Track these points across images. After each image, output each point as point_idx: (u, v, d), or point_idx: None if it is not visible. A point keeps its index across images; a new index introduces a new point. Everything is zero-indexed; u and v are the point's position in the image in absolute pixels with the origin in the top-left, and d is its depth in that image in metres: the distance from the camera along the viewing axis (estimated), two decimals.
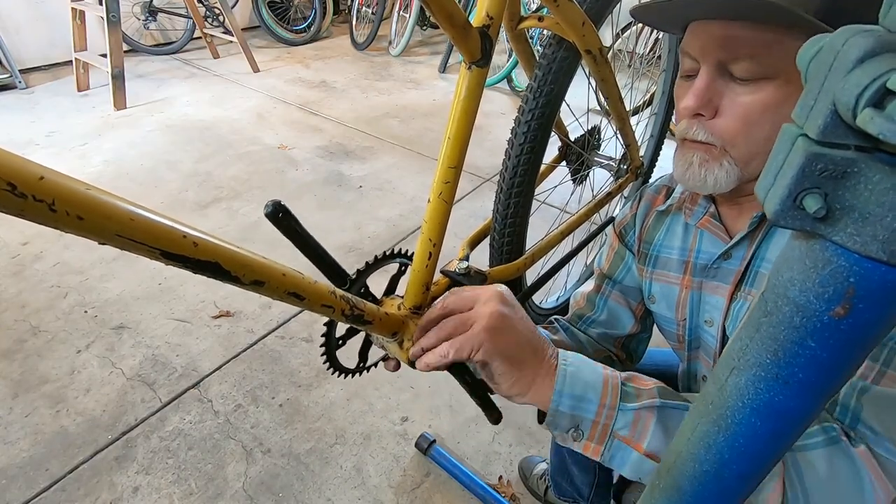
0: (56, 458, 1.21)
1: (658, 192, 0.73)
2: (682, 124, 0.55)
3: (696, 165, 0.55)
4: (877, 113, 0.17)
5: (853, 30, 0.19)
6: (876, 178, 0.19)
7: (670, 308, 0.70)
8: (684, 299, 0.67)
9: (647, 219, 0.73)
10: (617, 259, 0.77)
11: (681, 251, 0.68)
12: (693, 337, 0.68)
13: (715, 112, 0.53)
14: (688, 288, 0.67)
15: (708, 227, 0.64)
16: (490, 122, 3.13)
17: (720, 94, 0.52)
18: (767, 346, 0.25)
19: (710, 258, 0.63)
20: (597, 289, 0.79)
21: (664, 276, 0.70)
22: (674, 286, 0.69)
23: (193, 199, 2.23)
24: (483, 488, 1.17)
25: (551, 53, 0.68)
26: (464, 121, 0.54)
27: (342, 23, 5.15)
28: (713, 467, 0.29)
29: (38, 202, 0.26)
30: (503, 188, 0.75)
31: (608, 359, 0.77)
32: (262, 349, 1.52)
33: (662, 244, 0.70)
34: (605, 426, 0.46)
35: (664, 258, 0.70)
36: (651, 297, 0.73)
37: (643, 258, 0.73)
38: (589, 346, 0.76)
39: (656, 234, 0.71)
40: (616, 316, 0.77)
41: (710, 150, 0.54)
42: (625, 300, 0.77)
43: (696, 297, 0.66)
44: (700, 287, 0.65)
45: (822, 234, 0.21)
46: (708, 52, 0.51)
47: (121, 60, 2.89)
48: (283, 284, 0.40)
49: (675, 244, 0.69)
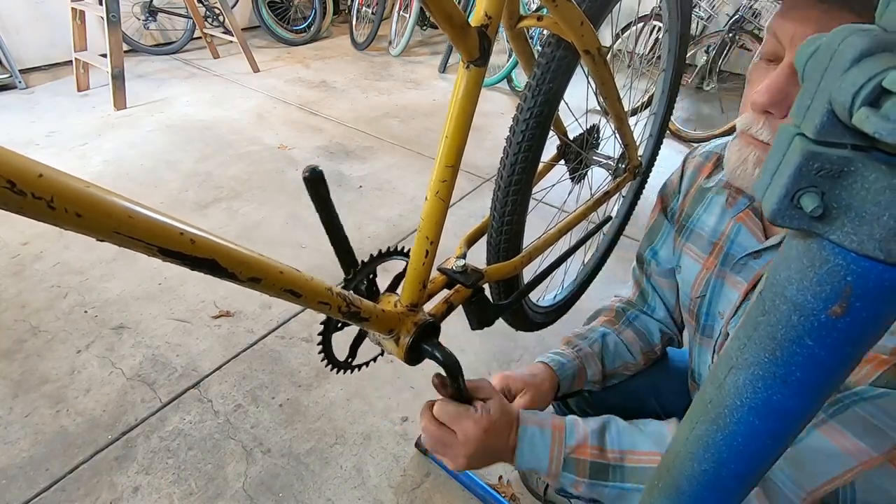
0: (56, 458, 1.21)
1: (708, 158, 0.71)
2: (748, 117, 0.50)
3: (751, 165, 0.51)
4: (873, 112, 0.17)
5: (850, 29, 0.19)
6: (872, 177, 0.19)
7: (689, 283, 0.71)
8: (702, 279, 0.68)
9: (692, 189, 0.72)
10: (656, 228, 0.79)
11: (712, 232, 0.67)
12: (707, 324, 0.69)
13: (787, 111, 0.48)
14: (708, 270, 0.67)
15: (746, 222, 0.63)
16: (490, 122, 3.13)
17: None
18: (765, 345, 0.25)
19: (741, 252, 0.63)
20: (641, 270, 0.84)
21: (692, 250, 0.71)
22: (696, 262, 0.69)
23: (193, 199, 2.23)
24: (483, 488, 1.17)
25: (550, 53, 0.68)
26: (461, 120, 0.54)
27: (342, 23, 5.15)
28: (712, 466, 0.29)
29: (37, 199, 0.26)
30: (501, 186, 0.75)
31: (671, 340, 0.85)
32: (262, 349, 1.52)
33: (699, 219, 0.70)
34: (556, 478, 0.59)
35: (697, 233, 0.70)
36: (679, 268, 0.74)
37: (680, 229, 0.73)
38: (657, 332, 0.83)
39: (696, 208, 0.71)
40: (665, 295, 0.82)
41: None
42: (666, 282, 0.81)
43: (718, 285, 0.66)
44: (724, 277, 0.65)
45: (820, 233, 0.21)
46: (798, 42, 0.45)
47: (121, 60, 2.89)
48: (280, 281, 0.40)
49: (709, 223, 0.68)
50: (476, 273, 0.64)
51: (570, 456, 0.58)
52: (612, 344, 0.79)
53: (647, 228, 0.81)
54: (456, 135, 0.55)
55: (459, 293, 0.64)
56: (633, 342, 0.80)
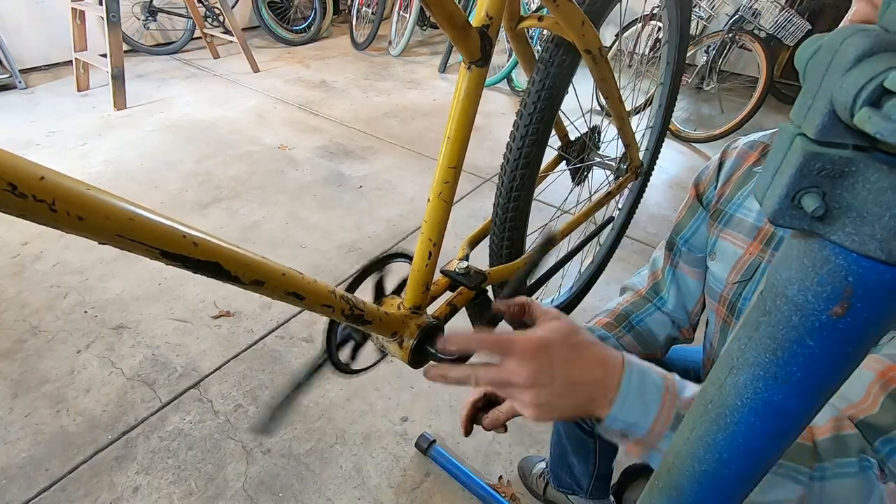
0: (56, 458, 1.21)
1: (753, 148, 0.70)
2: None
3: None
4: (874, 112, 0.17)
5: (851, 29, 0.19)
6: (874, 177, 0.19)
7: (726, 268, 0.69)
8: (744, 263, 0.66)
9: (735, 174, 0.70)
10: (689, 214, 0.77)
11: (759, 216, 0.66)
12: (742, 306, 0.67)
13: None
14: (752, 255, 0.65)
15: None
16: (490, 123, 3.13)
17: None
18: (766, 346, 0.25)
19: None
20: (667, 257, 0.81)
21: (732, 236, 0.69)
22: (738, 248, 0.67)
23: (193, 199, 2.23)
24: (483, 488, 1.17)
25: (551, 53, 0.69)
26: (463, 121, 0.54)
27: (342, 23, 5.15)
28: (712, 467, 0.29)
29: (38, 202, 0.26)
30: (503, 187, 0.75)
31: (675, 340, 0.81)
32: (262, 349, 1.52)
33: (741, 204, 0.68)
34: (650, 443, 0.46)
35: (738, 218, 0.68)
36: (712, 254, 0.72)
37: (717, 215, 0.72)
38: (661, 334, 0.80)
39: (738, 192, 0.69)
40: (687, 285, 0.79)
41: None
42: (693, 271, 0.78)
43: (762, 268, 0.64)
44: (771, 259, 0.63)
45: (821, 234, 0.21)
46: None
47: (121, 60, 2.89)
48: (283, 284, 0.40)
49: (755, 206, 0.66)
50: (479, 275, 0.64)
51: (683, 413, 0.45)
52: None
53: (679, 217, 0.79)
54: (458, 136, 0.55)
55: (463, 295, 0.64)
56: (632, 348, 0.78)
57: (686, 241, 0.78)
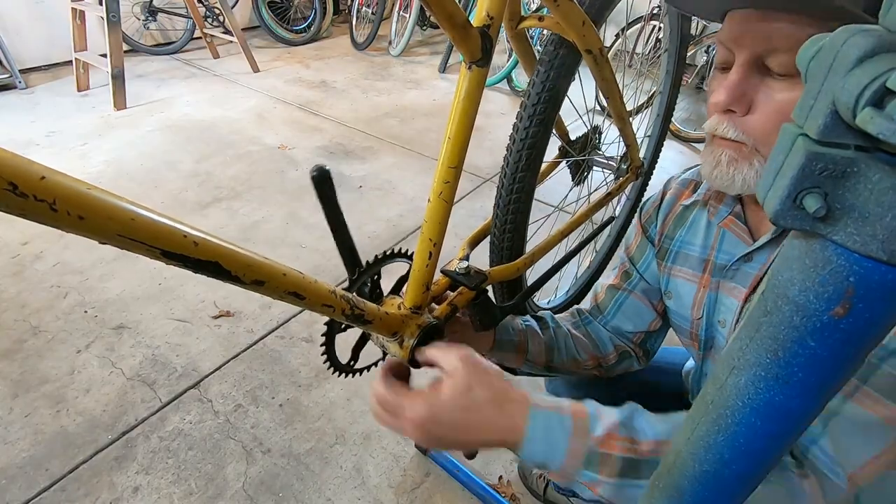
0: (56, 458, 1.21)
1: (686, 185, 0.71)
2: (713, 120, 0.53)
3: (725, 164, 0.52)
4: (876, 112, 0.17)
5: (853, 29, 0.19)
6: (876, 177, 0.19)
7: (686, 306, 0.69)
8: (701, 298, 0.66)
9: (672, 213, 0.71)
10: (640, 249, 0.77)
11: (702, 249, 0.66)
12: (707, 336, 0.68)
13: (748, 108, 0.50)
14: (706, 287, 0.66)
15: (731, 228, 0.62)
16: (490, 123, 3.13)
17: (754, 90, 0.49)
18: (767, 346, 0.25)
19: (729, 259, 0.62)
20: (618, 283, 0.79)
21: (682, 272, 0.69)
22: (692, 283, 0.68)
23: (193, 199, 2.23)
24: (483, 488, 1.17)
25: (552, 53, 0.69)
26: (464, 121, 0.54)
27: (342, 23, 5.15)
28: (713, 467, 0.29)
29: (39, 202, 0.26)
30: (503, 188, 0.75)
31: (626, 353, 0.79)
32: (262, 349, 1.52)
33: (684, 240, 0.69)
34: (567, 477, 0.48)
35: (684, 254, 0.69)
36: (668, 293, 0.72)
37: (663, 253, 0.72)
38: (609, 343, 0.78)
39: (679, 230, 0.70)
40: (637, 313, 0.78)
41: (739, 148, 0.51)
42: (647, 299, 0.77)
43: (713, 298, 0.65)
44: (717, 287, 0.64)
45: (822, 234, 0.21)
46: (744, 44, 0.48)
47: (121, 60, 2.89)
48: (284, 284, 0.40)
49: (696, 241, 0.67)
50: (479, 275, 0.64)
51: (594, 450, 0.47)
52: (563, 337, 0.76)
53: (633, 248, 0.78)
54: (458, 136, 0.55)
55: (463, 295, 0.64)
56: (583, 343, 0.77)
57: (642, 273, 0.77)
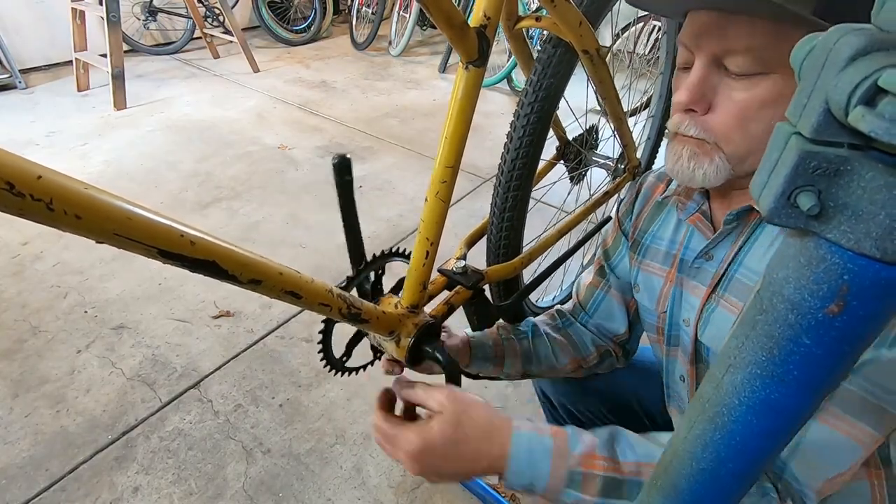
0: (56, 458, 1.21)
1: (661, 179, 0.72)
2: (675, 118, 0.54)
3: (686, 159, 0.54)
4: (868, 111, 0.18)
5: (845, 28, 0.19)
6: (868, 175, 0.19)
7: (652, 300, 0.70)
8: (667, 293, 0.67)
9: (646, 207, 0.72)
10: (615, 243, 0.78)
11: (670, 243, 0.67)
12: (672, 333, 0.68)
13: (708, 107, 0.52)
14: (671, 282, 0.66)
15: (697, 224, 0.63)
16: (490, 123, 3.13)
17: (714, 90, 0.51)
18: (763, 344, 0.25)
19: (693, 255, 0.62)
20: (596, 281, 0.80)
21: (650, 266, 0.69)
22: (658, 277, 0.68)
23: (193, 199, 2.23)
24: (483, 488, 1.17)
25: (549, 53, 0.69)
26: (460, 120, 0.55)
27: (342, 23, 5.15)
28: (710, 465, 0.30)
29: (36, 201, 0.26)
30: (501, 186, 0.75)
31: (607, 353, 0.79)
32: (262, 349, 1.52)
33: (655, 234, 0.70)
34: (553, 497, 0.51)
35: (654, 248, 0.69)
36: (636, 286, 0.72)
37: (635, 246, 0.72)
38: (591, 344, 0.78)
39: (651, 224, 0.71)
40: (616, 312, 0.78)
41: (701, 145, 0.53)
42: (621, 297, 0.78)
43: (678, 294, 0.65)
44: (682, 284, 0.65)
45: (816, 232, 0.21)
46: (703, 45, 0.50)
47: (121, 60, 2.89)
48: (281, 283, 0.40)
49: (665, 235, 0.68)
50: (476, 274, 0.64)
51: (576, 469, 0.49)
52: (541, 346, 0.76)
53: (608, 244, 0.79)
54: (455, 135, 0.55)
55: (460, 294, 0.64)
56: (564, 347, 0.77)
57: (613, 268, 0.78)
